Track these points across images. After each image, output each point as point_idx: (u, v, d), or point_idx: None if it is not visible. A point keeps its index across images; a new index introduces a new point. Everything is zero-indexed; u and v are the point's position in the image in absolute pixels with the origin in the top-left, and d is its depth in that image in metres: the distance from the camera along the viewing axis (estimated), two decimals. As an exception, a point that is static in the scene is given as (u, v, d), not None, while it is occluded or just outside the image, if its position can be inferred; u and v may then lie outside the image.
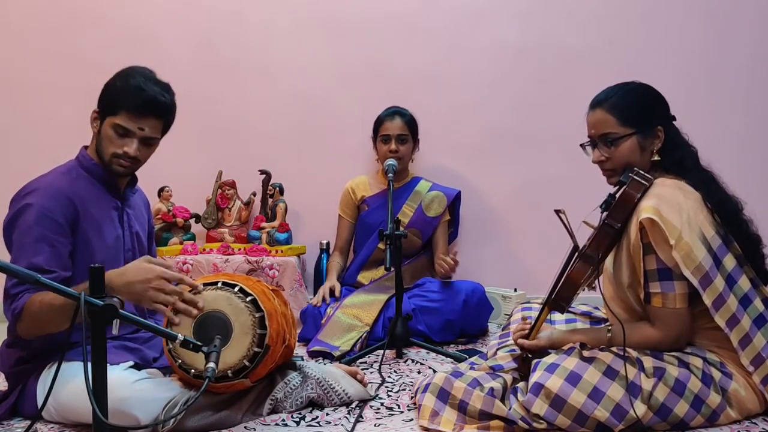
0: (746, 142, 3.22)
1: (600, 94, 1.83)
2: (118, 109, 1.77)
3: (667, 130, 1.79)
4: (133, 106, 1.77)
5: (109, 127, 1.79)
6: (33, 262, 1.66)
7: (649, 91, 1.83)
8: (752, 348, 1.67)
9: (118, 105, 1.77)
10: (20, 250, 1.70)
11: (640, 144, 1.77)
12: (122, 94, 1.77)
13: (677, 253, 1.61)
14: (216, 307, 1.67)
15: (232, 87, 3.31)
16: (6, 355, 1.84)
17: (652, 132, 1.78)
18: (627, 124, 1.77)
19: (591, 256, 1.68)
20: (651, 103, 1.80)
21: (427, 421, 1.68)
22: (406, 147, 2.95)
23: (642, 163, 1.78)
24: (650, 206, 1.64)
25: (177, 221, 3.11)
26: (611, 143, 1.78)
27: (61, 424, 1.77)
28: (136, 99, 1.77)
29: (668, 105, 1.83)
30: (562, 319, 2.08)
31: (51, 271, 1.67)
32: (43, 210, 1.71)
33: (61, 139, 3.17)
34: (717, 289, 1.64)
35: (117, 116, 1.78)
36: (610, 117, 1.78)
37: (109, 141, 1.80)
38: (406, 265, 2.93)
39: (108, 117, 1.79)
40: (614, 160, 1.79)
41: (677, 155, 1.78)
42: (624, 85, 1.83)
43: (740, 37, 3.24)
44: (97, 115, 1.83)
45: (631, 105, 1.78)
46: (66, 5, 3.29)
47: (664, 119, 1.80)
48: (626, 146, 1.77)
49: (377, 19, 3.29)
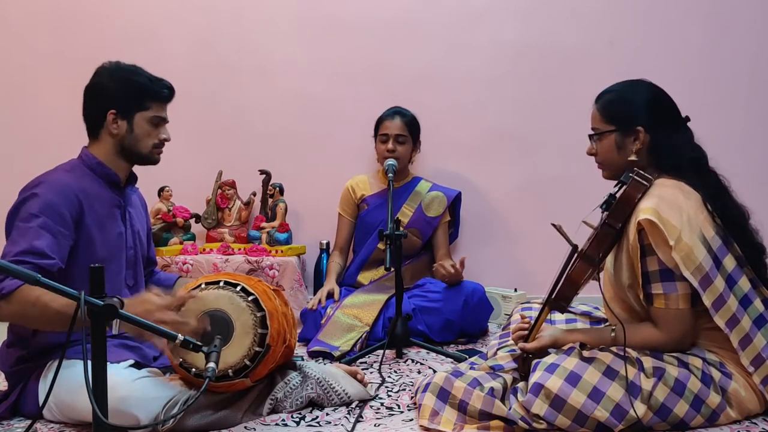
0: (746, 142, 3.22)
1: (603, 90, 1.86)
2: (148, 102, 1.88)
3: (653, 132, 1.76)
4: (162, 96, 1.91)
5: (145, 122, 1.88)
6: (34, 244, 1.65)
7: (642, 91, 1.81)
8: (752, 348, 1.67)
9: (147, 99, 1.88)
10: (21, 233, 1.68)
11: (617, 142, 1.79)
12: (147, 88, 1.88)
13: (677, 254, 1.61)
14: (218, 307, 1.68)
15: (232, 87, 3.31)
16: (6, 355, 1.84)
17: (632, 132, 1.78)
18: (608, 121, 1.81)
19: (591, 257, 1.68)
20: (635, 103, 1.79)
21: (427, 421, 1.68)
22: (404, 148, 2.94)
23: (620, 161, 1.80)
24: (649, 207, 1.64)
25: (177, 221, 3.11)
26: (597, 138, 1.83)
27: (62, 423, 1.77)
28: (162, 89, 1.91)
29: (666, 108, 1.81)
30: (562, 319, 2.08)
31: (51, 257, 1.66)
32: (48, 201, 1.72)
33: (61, 139, 3.17)
34: (717, 289, 1.64)
35: (149, 110, 1.89)
36: (597, 113, 1.84)
37: (146, 134, 1.89)
38: (406, 266, 2.93)
39: (139, 113, 1.88)
40: (599, 155, 1.84)
41: (666, 158, 1.76)
42: (623, 83, 1.84)
43: (740, 37, 3.24)
44: (116, 116, 1.86)
45: (614, 103, 1.81)
46: (65, 5, 3.29)
47: (650, 121, 1.77)
48: (606, 143, 1.81)
49: (377, 18, 3.29)
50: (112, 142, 1.88)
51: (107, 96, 1.86)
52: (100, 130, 1.89)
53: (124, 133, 1.87)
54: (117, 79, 1.87)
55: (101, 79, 1.89)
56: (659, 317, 1.69)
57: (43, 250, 1.65)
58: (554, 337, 1.79)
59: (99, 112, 1.87)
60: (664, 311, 1.67)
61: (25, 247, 1.65)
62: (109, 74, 1.88)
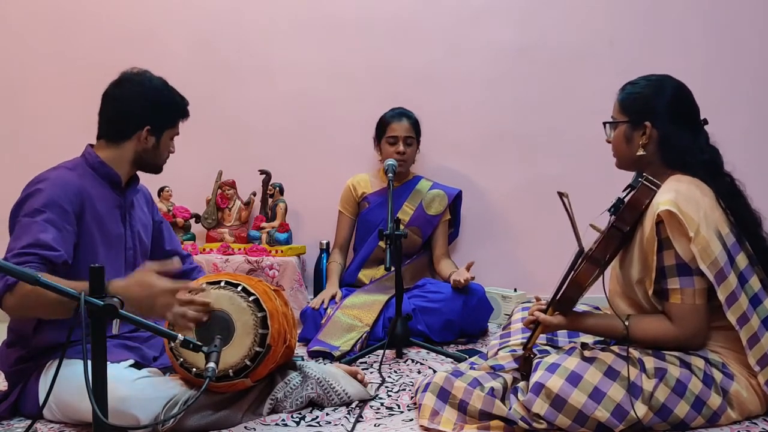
0: (748, 141, 3.21)
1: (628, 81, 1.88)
2: (176, 120, 1.97)
3: (663, 129, 1.76)
4: (184, 115, 1.99)
5: (169, 138, 1.97)
6: (40, 237, 1.65)
7: (662, 88, 1.81)
8: (759, 348, 1.67)
9: (176, 117, 1.97)
10: (26, 228, 1.68)
11: (626, 134, 1.81)
12: (177, 107, 1.96)
13: (695, 247, 1.61)
14: (218, 307, 1.68)
15: (232, 87, 3.31)
16: (6, 354, 1.84)
17: (641, 126, 1.78)
18: (623, 112, 1.83)
19: (598, 259, 1.67)
20: (650, 99, 1.79)
21: (427, 421, 1.68)
22: (411, 149, 2.96)
23: (629, 153, 1.81)
24: (668, 199, 1.64)
25: (177, 221, 3.11)
26: (611, 127, 1.86)
27: (62, 423, 1.76)
28: (185, 108, 1.99)
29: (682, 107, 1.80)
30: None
31: (57, 249, 1.66)
32: (52, 197, 1.72)
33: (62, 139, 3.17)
34: (731, 285, 1.64)
35: (175, 127, 1.98)
36: (617, 102, 1.86)
37: (166, 149, 1.97)
38: (407, 265, 2.93)
39: (168, 130, 1.95)
40: (612, 144, 1.87)
41: (676, 156, 1.76)
42: (648, 77, 1.84)
43: (741, 37, 3.24)
44: (150, 132, 1.90)
45: (632, 95, 1.82)
46: (66, 5, 3.29)
47: (662, 117, 1.77)
48: (617, 133, 1.84)
49: (377, 19, 3.29)
50: (133, 151, 1.90)
51: (143, 111, 1.88)
52: (125, 139, 1.89)
53: (151, 147, 1.91)
54: (153, 97, 1.89)
55: (134, 91, 1.88)
56: (675, 313, 1.67)
57: (48, 243, 1.65)
58: (566, 321, 1.75)
59: (131, 124, 1.88)
60: (680, 306, 1.66)
61: (31, 241, 1.64)
62: (144, 90, 1.89)
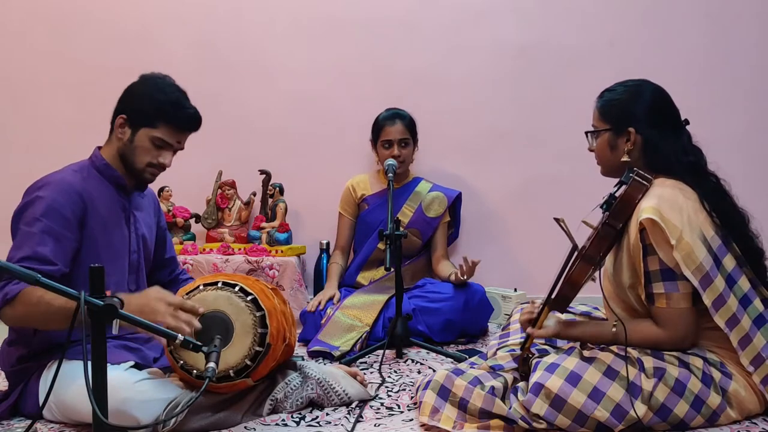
0: (746, 142, 3.21)
1: (606, 89, 1.88)
2: (157, 122, 1.83)
3: (646, 134, 1.76)
4: (175, 123, 1.85)
5: (146, 139, 1.84)
6: (38, 251, 1.66)
7: (640, 93, 1.80)
8: (752, 348, 1.67)
9: (158, 119, 1.83)
10: (25, 238, 1.69)
11: (610, 142, 1.81)
12: (162, 109, 1.83)
13: (678, 254, 1.61)
14: (217, 307, 1.68)
15: (232, 87, 3.31)
16: (7, 354, 1.84)
17: (624, 133, 1.78)
18: (604, 120, 1.83)
19: (592, 257, 1.68)
20: (631, 105, 1.79)
21: (428, 418, 1.68)
22: (407, 150, 2.95)
23: (614, 160, 1.82)
24: (650, 206, 1.64)
25: (177, 221, 3.11)
26: (594, 136, 1.86)
27: (63, 424, 1.76)
28: (179, 116, 1.85)
29: (663, 110, 1.80)
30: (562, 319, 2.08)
31: (54, 263, 1.67)
32: (52, 204, 1.73)
33: (62, 140, 3.20)
34: (717, 289, 1.64)
35: (156, 129, 1.84)
36: (596, 111, 1.86)
37: (144, 151, 1.85)
38: (406, 266, 2.93)
39: (145, 128, 1.84)
40: (596, 152, 1.87)
41: (660, 160, 1.76)
42: (625, 83, 1.84)
43: (741, 37, 3.24)
44: (125, 122, 1.86)
45: (611, 103, 1.82)
46: (66, 5, 3.29)
47: (644, 122, 1.77)
48: (600, 141, 1.84)
49: (377, 19, 3.29)
50: (116, 146, 1.90)
51: (127, 101, 1.88)
52: (111, 132, 1.91)
53: (126, 141, 1.87)
54: (142, 90, 1.87)
55: (135, 84, 1.90)
56: (661, 317, 1.68)
57: (46, 256, 1.66)
58: (557, 330, 1.77)
59: (115, 114, 1.89)
60: (666, 311, 1.67)
61: (29, 253, 1.65)
62: (142, 83, 1.89)
